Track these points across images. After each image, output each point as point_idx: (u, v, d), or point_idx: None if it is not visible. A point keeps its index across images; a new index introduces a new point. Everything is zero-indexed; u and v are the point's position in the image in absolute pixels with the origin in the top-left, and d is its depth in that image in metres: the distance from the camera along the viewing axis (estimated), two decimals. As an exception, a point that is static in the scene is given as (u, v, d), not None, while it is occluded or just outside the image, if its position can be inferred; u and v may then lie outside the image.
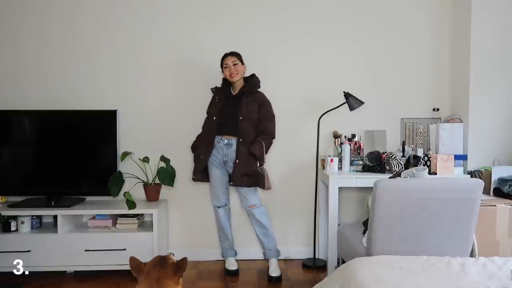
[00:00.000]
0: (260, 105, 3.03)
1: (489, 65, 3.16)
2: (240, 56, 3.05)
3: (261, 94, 3.09)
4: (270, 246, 3.10)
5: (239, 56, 3.04)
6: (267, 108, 3.06)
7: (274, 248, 3.11)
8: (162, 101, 3.38)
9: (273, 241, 3.12)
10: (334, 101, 3.25)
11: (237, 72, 3.00)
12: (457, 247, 2.22)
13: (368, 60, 3.41)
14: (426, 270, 1.85)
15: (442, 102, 3.43)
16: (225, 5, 3.36)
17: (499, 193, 2.89)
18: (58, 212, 2.98)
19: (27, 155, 3.20)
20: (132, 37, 3.36)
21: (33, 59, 3.34)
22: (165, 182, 3.21)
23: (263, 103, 3.06)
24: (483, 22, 3.14)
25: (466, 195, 2.17)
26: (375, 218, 2.19)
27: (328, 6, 3.38)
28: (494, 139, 3.18)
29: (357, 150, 3.23)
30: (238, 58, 3.02)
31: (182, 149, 3.36)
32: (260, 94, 3.08)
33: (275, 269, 3.02)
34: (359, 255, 2.23)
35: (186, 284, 2.91)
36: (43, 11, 3.33)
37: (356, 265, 1.94)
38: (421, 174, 2.40)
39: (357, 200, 3.43)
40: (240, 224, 3.41)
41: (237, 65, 3.00)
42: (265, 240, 3.09)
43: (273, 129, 3.07)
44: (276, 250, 3.12)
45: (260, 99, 3.06)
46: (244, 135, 2.95)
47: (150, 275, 1.70)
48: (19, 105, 3.25)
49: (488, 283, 1.70)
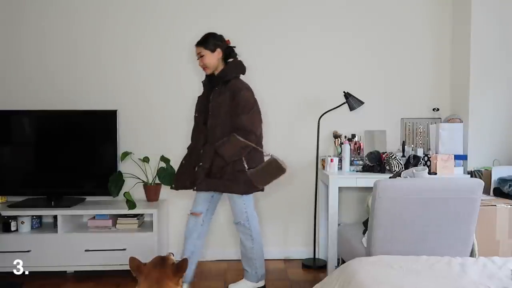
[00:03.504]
0: (233, 95, 2.53)
1: (489, 65, 3.16)
2: (207, 44, 2.57)
3: (235, 81, 2.57)
4: (247, 268, 2.71)
5: (205, 45, 2.57)
6: (240, 98, 2.51)
7: (252, 271, 2.69)
8: (162, 101, 3.37)
9: (255, 263, 2.68)
10: (334, 101, 3.25)
11: (204, 65, 2.59)
12: (457, 247, 2.22)
13: (368, 60, 3.41)
14: (426, 270, 1.85)
15: (442, 102, 3.42)
16: (224, 4, 3.36)
17: (499, 193, 2.88)
18: (58, 212, 2.98)
19: (27, 155, 3.20)
20: (132, 37, 3.36)
21: (33, 59, 3.34)
22: (165, 182, 3.21)
23: (236, 91, 2.52)
24: (483, 22, 3.14)
25: (466, 195, 2.17)
26: (375, 218, 2.19)
27: (329, 6, 3.38)
28: (494, 139, 3.18)
29: (357, 150, 3.23)
30: (204, 47, 2.57)
31: (182, 149, 3.35)
32: (233, 82, 2.56)
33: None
34: (359, 255, 2.23)
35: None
36: (44, 11, 3.33)
37: (356, 265, 1.94)
38: (421, 174, 2.40)
39: (357, 200, 3.43)
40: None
41: (203, 57, 2.57)
42: (243, 261, 2.72)
43: (248, 123, 2.48)
44: (254, 275, 2.69)
45: (232, 87, 2.54)
46: (209, 133, 2.56)
47: (150, 275, 1.70)
48: (19, 105, 3.25)
49: (488, 283, 1.70)
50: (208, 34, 2.63)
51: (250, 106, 2.53)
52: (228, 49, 2.66)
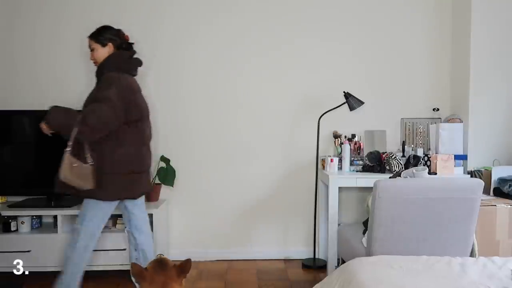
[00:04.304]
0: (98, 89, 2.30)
1: (489, 65, 3.16)
2: (99, 37, 2.37)
3: (108, 74, 2.28)
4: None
5: (97, 38, 2.37)
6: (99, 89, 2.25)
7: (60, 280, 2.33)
8: (162, 101, 3.37)
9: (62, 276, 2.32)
10: (334, 101, 3.26)
11: (94, 59, 2.40)
12: (457, 247, 2.22)
13: (368, 60, 3.41)
14: (426, 270, 1.85)
15: (442, 102, 3.42)
16: (226, 8, 3.35)
17: (499, 193, 2.88)
18: (58, 212, 2.97)
19: (27, 155, 3.20)
20: (131, 37, 3.35)
21: (33, 59, 3.34)
22: (165, 182, 3.21)
23: (101, 84, 2.27)
24: (483, 22, 3.14)
25: (466, 195, 2.17)
26: (375, 218, 2.19)
27: (329, 7, 3.38)
28: (494, 139, 3.18)
29: (357, 150, 3.23)
30: (95, 41, 2.37)
31: (182, 149, 3.37)
32: (106, 75, 2.28)
33: None
34: (359, 255, 2.23)
35: (186, 284, 2.90)
36: (44, 11, 3.33)
37: (356, 265, 1.94)
38: (421, 174, 2.40)
39: (357, 200, 3.43)
40: (239, 224, 3.41)
41: (93, 50, 2.38)
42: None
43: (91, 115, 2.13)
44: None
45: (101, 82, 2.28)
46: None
47: (154, 280, 1.67)
48: (19, 105, 3.25)
49: (488, 283, 1.70)
50: (102, 27, 2.42)
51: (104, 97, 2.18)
52: (125, 45, 2.45)
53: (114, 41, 2.41)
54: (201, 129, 3.38)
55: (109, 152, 2.26)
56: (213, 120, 3.38)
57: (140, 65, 2.52)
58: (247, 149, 3.40)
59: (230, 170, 3.40)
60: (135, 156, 2.35)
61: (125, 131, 2.29)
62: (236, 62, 3.37)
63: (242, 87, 3.38)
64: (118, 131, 2.27)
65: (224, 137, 3.39)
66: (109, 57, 2.36)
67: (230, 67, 3.37)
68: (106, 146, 2.25)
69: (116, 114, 2.20)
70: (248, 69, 3.36)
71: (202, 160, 3.39)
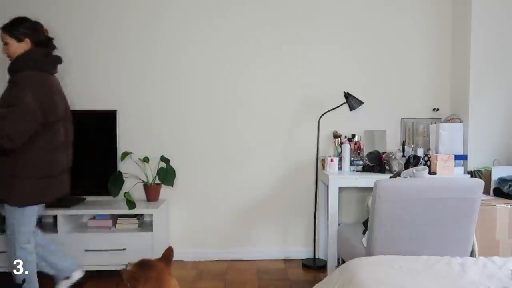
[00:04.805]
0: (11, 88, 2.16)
1: (489, 65, 3.16)
2: (14, 31, 2.20)
3: (23, 73, 2.15)
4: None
5: (11, 32, 2.20)
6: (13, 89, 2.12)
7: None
8: (162, 101, 3.37)
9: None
10: (334, 101, 3.26)
11: (8, 55, 2.23)
12: (457, 247, 2.22)
13: (368, 60, 3.41)
14: (426, 270, 1.85)
15: (442, 102, 3.42)
16: (226, 8, 3.36)
17: (499, 193, 2.88)
18: (58, 212, 2.97)
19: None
20: (131, 38, 3.36)
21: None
22: (165, 182, 3.22)
23: (15, 85, 2.13)
24: (483, 22, 3.14)
25: (466, 195, 2.17)
26: (375, 218, 2.19)
27: (329, 7, 3.38)
28: (494, 139, 3.18)
29: (357, 150, 3.23)
30: (9, 34, 2.20)
31: (182, 149, 3.37)
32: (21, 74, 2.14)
33: None
34: (359, 255, 2.23)
35: (186, 284, 2.91)
36: (43, 11, 3.32)
37: (356, 265, 1.94)
38: (421, 174, 2.40)
39: (357, 200, 3.43)
40: (239, 224, 3.41)
41: (7, 45, 2.21)
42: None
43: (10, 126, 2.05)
44: None
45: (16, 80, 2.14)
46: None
47: (148, 277, 1.67)
48: (19, 105, 3.25)
49: (488, 283, 1.70)
50: (18, 19, 2.25)
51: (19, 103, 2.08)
52: (44, 40, 2.30)
53: (31, 36, 2.24)
54: (201, 129, 3.38)
55: (21, 156, 2.15)
56: (213, 120, 3.38)
57: (59, 62, 2.37)
58: (247, 149, 3.40)
59: (230, 170, 3.40)
60: (48, 160, 2.24)
61: (38, 133, 2.18)
62: (236, 62, 3.37)
63: (242, 87, 3.38)
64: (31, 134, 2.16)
65: (224, 137, 3.39)
66: (25, 55, 2.19)
67: (230, 67, 3.37)
68: (17, 149, 2.14)
69: (35, 117, 2.12)
70: (248, 69, 3.36)
71: (202, 160, 3.39)
